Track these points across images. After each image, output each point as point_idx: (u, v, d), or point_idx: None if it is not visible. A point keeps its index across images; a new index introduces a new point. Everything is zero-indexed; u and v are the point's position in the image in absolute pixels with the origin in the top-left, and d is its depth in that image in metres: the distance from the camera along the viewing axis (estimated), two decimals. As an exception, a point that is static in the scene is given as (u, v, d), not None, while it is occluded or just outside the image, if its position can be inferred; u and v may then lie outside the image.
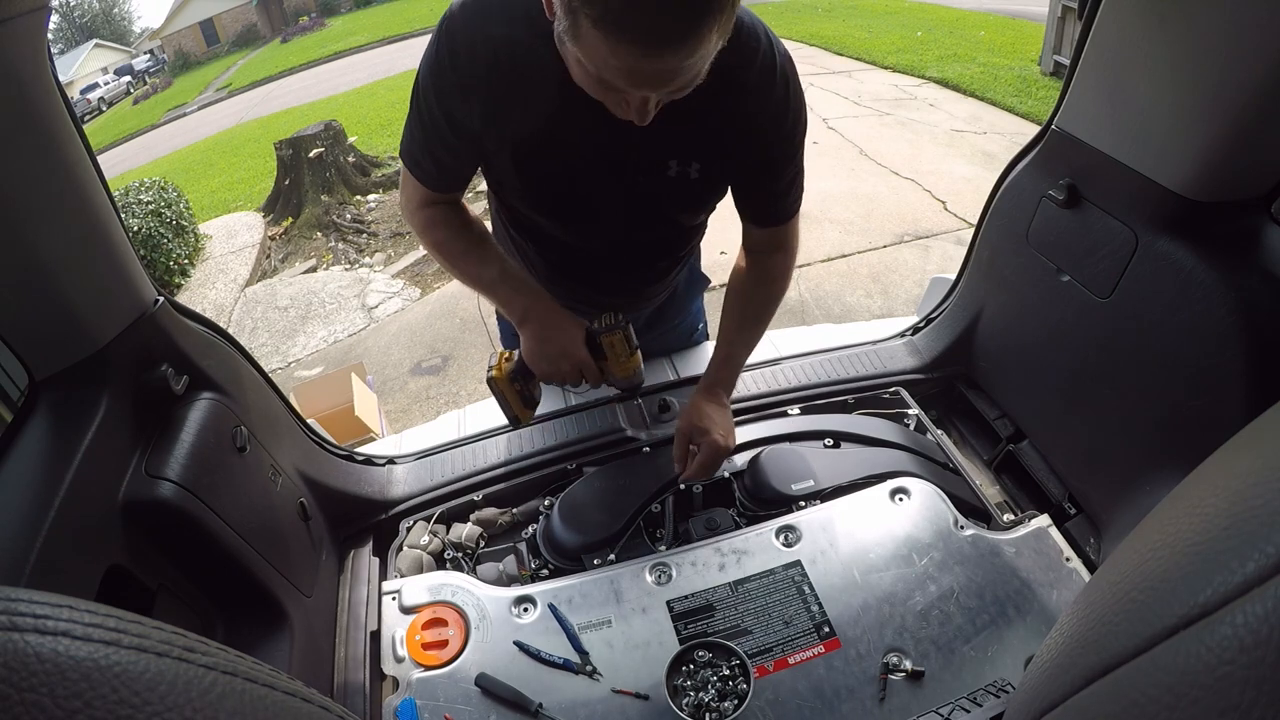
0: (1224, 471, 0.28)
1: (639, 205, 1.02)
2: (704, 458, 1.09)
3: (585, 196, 1.01)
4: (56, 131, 0.73)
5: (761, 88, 0.92)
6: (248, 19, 32.16)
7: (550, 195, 1.02)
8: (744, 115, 0.93)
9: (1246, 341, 0.84)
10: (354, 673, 0.97)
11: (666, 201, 1.02)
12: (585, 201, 1.02)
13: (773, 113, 0.94)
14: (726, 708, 0.85)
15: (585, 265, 1.15)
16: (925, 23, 9.32)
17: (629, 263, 1.17)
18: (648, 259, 1.18)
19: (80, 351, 0.80)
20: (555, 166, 0.97)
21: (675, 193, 1.00)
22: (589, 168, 0.97)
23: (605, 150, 0.94)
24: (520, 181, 1.00)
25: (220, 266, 5.25)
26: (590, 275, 1.17)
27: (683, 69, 0.72)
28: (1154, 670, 0.24)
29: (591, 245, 1.11)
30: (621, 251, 1.13)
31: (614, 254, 1.13)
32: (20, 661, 0.21)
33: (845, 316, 3.41)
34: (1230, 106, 0.80)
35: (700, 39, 0.69)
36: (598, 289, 1.20)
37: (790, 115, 0.96)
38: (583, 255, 1.13)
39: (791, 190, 1.05)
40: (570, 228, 1.08)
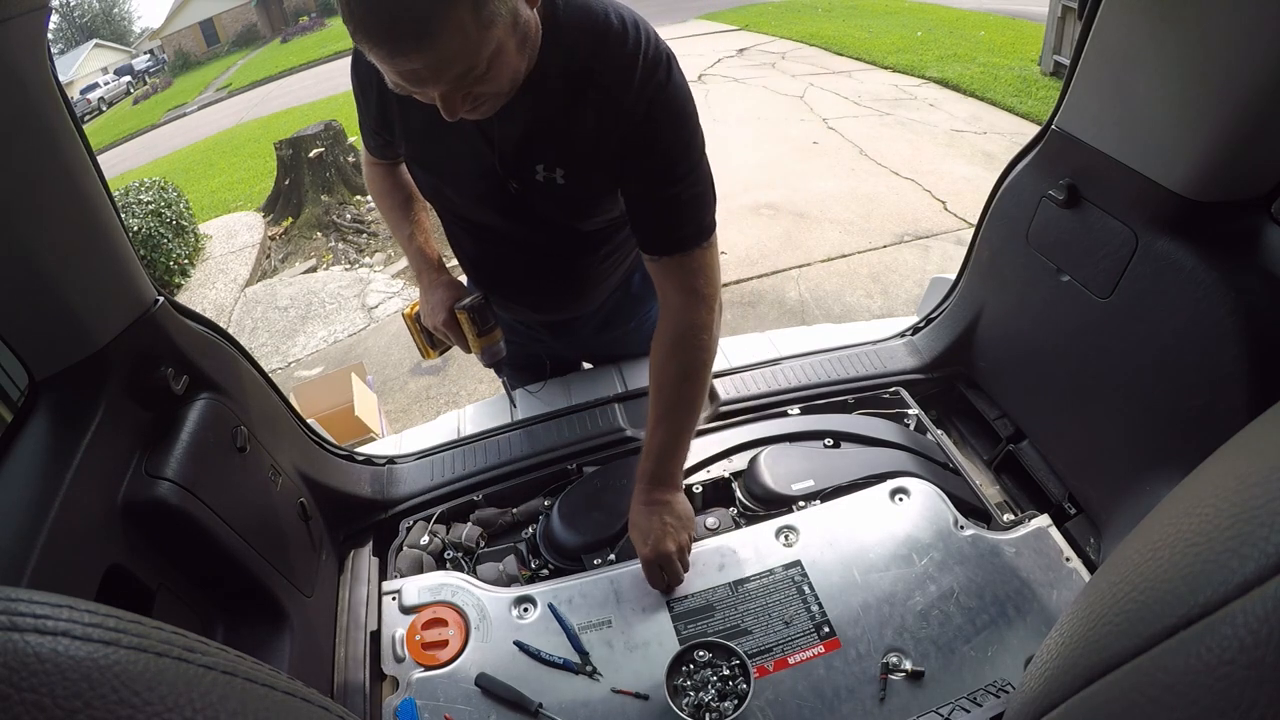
0: (1224, 471, 0.28)
1: (515, 209, 1.01)
2: (671, 572, 0.98)
3: (473, 200, 1.04)
4: (56, 131, 0.73)
5: (623, 92, 0.87)
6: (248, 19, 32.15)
7: (443, 197, 1.08)
8: (605, 120, 0.88)
9: (1246, 341, 0.84)
10: (354, 673, 0.97)
11: (541, 205, 0.99)
12: (475, 204, 1.05)
13: (638, 119, 0.88)
14: (726, 708, 0.85)
15: (496, 264, 1.17)
16: (925, 23, 9.32)
17: (533, 266, 1.14)
18: (552, 264, 1.13)
19: (80, 351, 0.80)
20: (437, 168, 1.03)
21: (546, 197, 0.97)
22: (464, 170, 1.00)
23: (479, 153, 0.95)
24: (420, 182, 1.10)
25: (220, 266, 5.25)
26: (503, 275, 1.18)
27: (443, 64, 0.73)
28: (1154, 670, 0.24)
29: (498, 247, 1.12)
30: (522, 253, 1.11)
31: (517, 256, 1.12)
32: (20, 661, 0.21)
33: (845, 316, 3.41)
34: (1230, 106, 0.80)
35: (443, 33, 0.69)
36: (514, 290, 1.20)
37: (663, 123, 0.89)
38: (492, 255, 1.15)
39: (685, 212, 0.93)
40: (471, 228, 1.12)
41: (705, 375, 1.02)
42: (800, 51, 8.81)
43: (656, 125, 0.89)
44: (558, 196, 0.96)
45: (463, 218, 1.11)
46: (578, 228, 1.06)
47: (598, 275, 1.18)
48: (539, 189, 0.96)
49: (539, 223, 1.04)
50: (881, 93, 6.74)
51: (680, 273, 0.97)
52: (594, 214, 1.02)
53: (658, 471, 1.02)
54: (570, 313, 1.28)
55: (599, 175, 0.94)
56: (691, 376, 1.00)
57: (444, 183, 1.05)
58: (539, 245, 1.10)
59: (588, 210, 1.01)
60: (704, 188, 0.94)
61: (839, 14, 10.66)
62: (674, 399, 1.00)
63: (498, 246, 1.12)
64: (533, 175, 0.95)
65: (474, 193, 1.03)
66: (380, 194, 1.21)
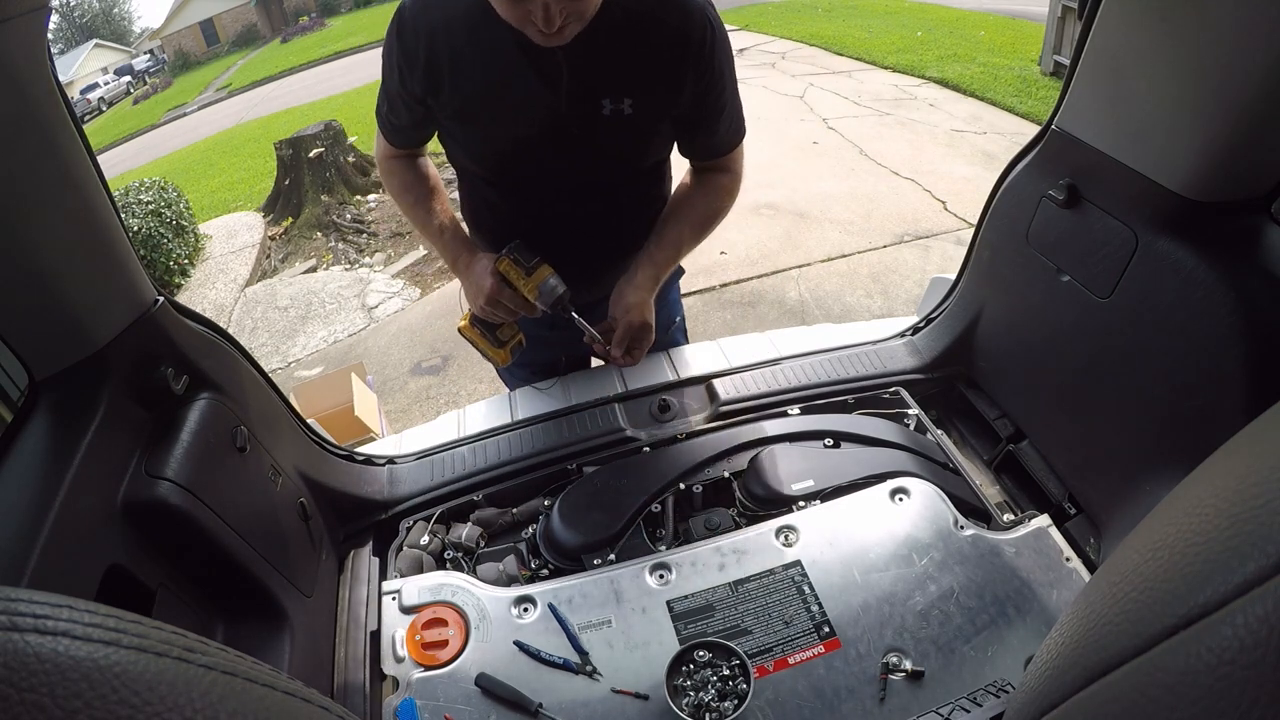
0: (1224, 471, 0.28)
1: (573, 153, 1.07)
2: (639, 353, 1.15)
3: (529, 151, 1.08)
4: (56, 131, 0.73)
5: (678, 24, 0.99)
6: (248, 19, 32.16)
7: (495, 154, 1.11)
8: (664, 50, 1.00)
9: (1246, 341, 0.84)
10: (354, 673, 0.97)
11: (606, 140, 1.06)
12: (530, 155, 1.09)
13: (693, 49, 1.01)
14: (726, 708, 0.85)
15: (538, 231, 1.16)
16: (925, 23, 9.31)
17: (578, 226, 1.17)
18: (595, 223, 1.18)
19: (80, 351, 0.80)
20: (496, 124, 1.06)
21: (612, 131, 1.04)
22: (527, 119, 1.04)
23: (540, 98, 1.01)
24: (468, 143, 1.12)
25: (220, 266, 5.25)
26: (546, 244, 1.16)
27: None
28: (1154, 670, 0.24)
29: (545, 209, 1.16)
30: (569, 206, 1.15)
31: (563, 214, 1.16)
32: (20, 661, 0.21)
33: (845, 316, 3.41)
34: (1230, 106, 0.80)
35: None
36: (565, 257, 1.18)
37: (712, 51, 1.03)
38: (536, 220, 1.17)
39: (730, 125, 1.13)
40: (521, 190, 1.16)
41: (722, 216, 1.23)
42: (800, 51, 8.81)
43: (715, 55, 1.03)
44: (625, 129, 1.04)
45: (511, 183, 1.15)
46: (633, 166, 1.14)
47: (638, 232, 1.23)
48: (605, 124, 1.03)
49: (595, 168, 1.11)
50: (881, 93, 6.74)
51: (729, 161, 1.19)
52: (655, 145, 1.13)
53: (660, 265, 1.17)
54: (605, 286, 1.26)
55: (662, 104, 1.05)
56: (712, 218, 1.21)
57: (498, 138, 1.08)
58: (586, 200, 1.15)
59: (649, 142, 1.11)
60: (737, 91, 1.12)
61: (839, 14, 10.66)
62: (699, 222, 1.20)
63: (543, 209, 1.16)
64: (599, 110, 1.02)
65: (530, 143, 1.06)
66: (402, 188, 1.22)
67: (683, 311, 1.60)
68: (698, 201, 1.20)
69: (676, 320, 1.56)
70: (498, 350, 1.24)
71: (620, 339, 1.13)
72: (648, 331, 1.14)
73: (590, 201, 1.15)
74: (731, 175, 1.21)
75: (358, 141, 6.31)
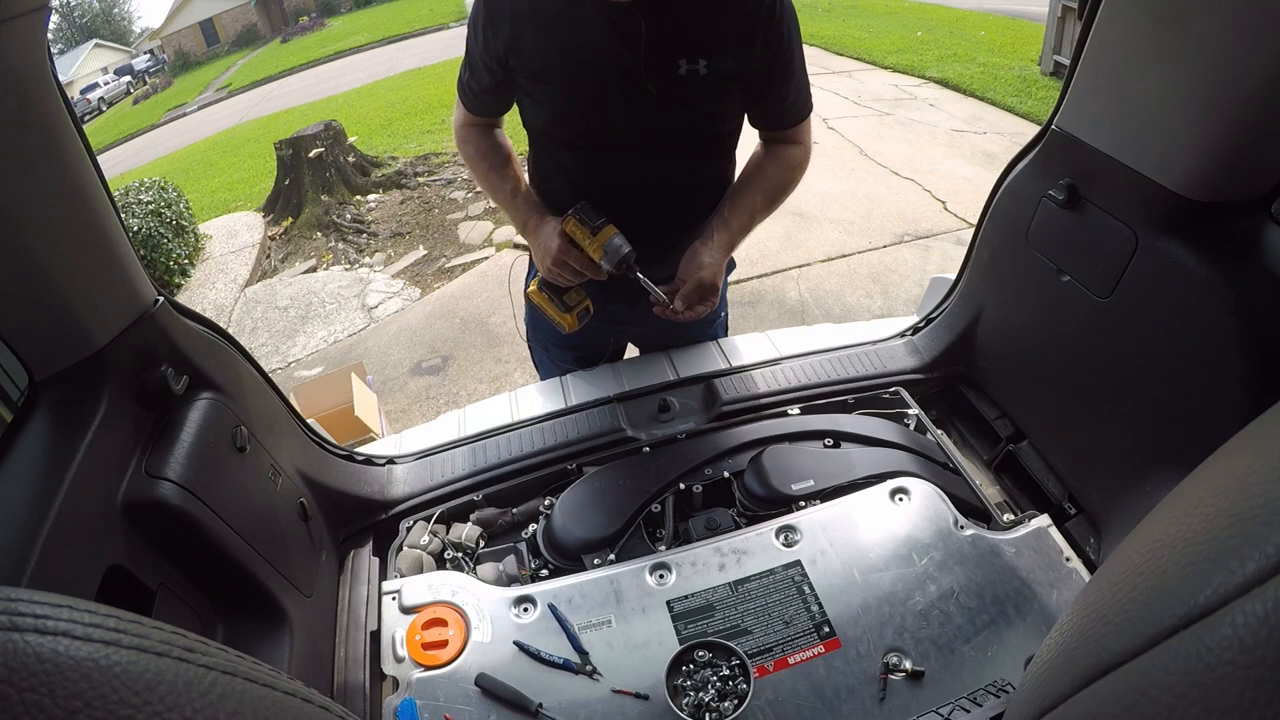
0: (1224, 471, 0.28)
1: (655, 109, 1.09)
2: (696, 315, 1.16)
3: (605, 109, 1.11)
4: (56, 131, 0.73)
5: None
6: (248, 19, 32.16)
7: (573, 113, 1.14)
8: (738, 14, 1.05)
9: (1246, 341, 0.84)
10: (354, 673, 0.97)
11: (681, 100, 1.09)
12: (606, 113, 1.12)
13: (764, 13, 1.05)
14: (726, 708, 0.85)
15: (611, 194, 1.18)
16: (925, 23, 9.31)
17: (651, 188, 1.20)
18: (672, 185, 1.21)
19: (80, 351, 0.80)
20: (575, 82, 1.10)
21: (689, 90, 1.08)
22: (605, 77, 1.07)
23: (619, 59, 1.05)
24: (546, 103, 1.14)
25: (220, 266, 5.25)
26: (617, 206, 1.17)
27: None
28: (1154, 670, 0.24)
29: (616, 173, 1.18)
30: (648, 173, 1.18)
31: (641, 180, 1.18)
32: (20, 661, 0.21)
33: (845, 316, 3.41)
34: (1230, 106, 0.80)
35: None
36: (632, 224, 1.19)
37: (781, 17, 1.07)
38: (611, 185, 1.19)
39: (799, 95, 1.17)
40: (594, 152, 1.18)
41: (791, 188, 1.26)
42: (800, 51, 8.79)
43: (784, 20, 1.08)
44: (701, 89, 1.08)
45: (585, 144, 1.17)
46: (707, 127, 1.17)
47: (704, 204, 1.25)
48: (681, 84, 1.07)
49: (668, 129, 1.13)
50: (881, 92, 6.74)
51: (798, 134, 1.23)
52: (727, 107, 1.15)
53: (737, 233, 1.20)
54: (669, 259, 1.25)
55: (736, 66, 1.08)
56: (788, 186, 1.25)
57: (576, 96, 1.11)
58: (657, 165, 1.17)
59: (722, 102, 1.13)
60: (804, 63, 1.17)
61: (839, 14, 10.66)
62: (775, 188, 1.23)
63: (615, 172, 1.18)
64: (676, 70, 1.06)
65: (607, 101, 1.10)
66: (477, 155, 1.28)
67: (727, 307, 1.60)
68: (770, 171, 1.23)
69: (722, 314, 1.57)
70: (564, 315, 1.24)
71: (688, 294, 1.14)
72: (714, 292, 1.16)
73: (661, 166, 1.18)
74: (802, 148, 1.24)
75: (358, 141, 6.32)
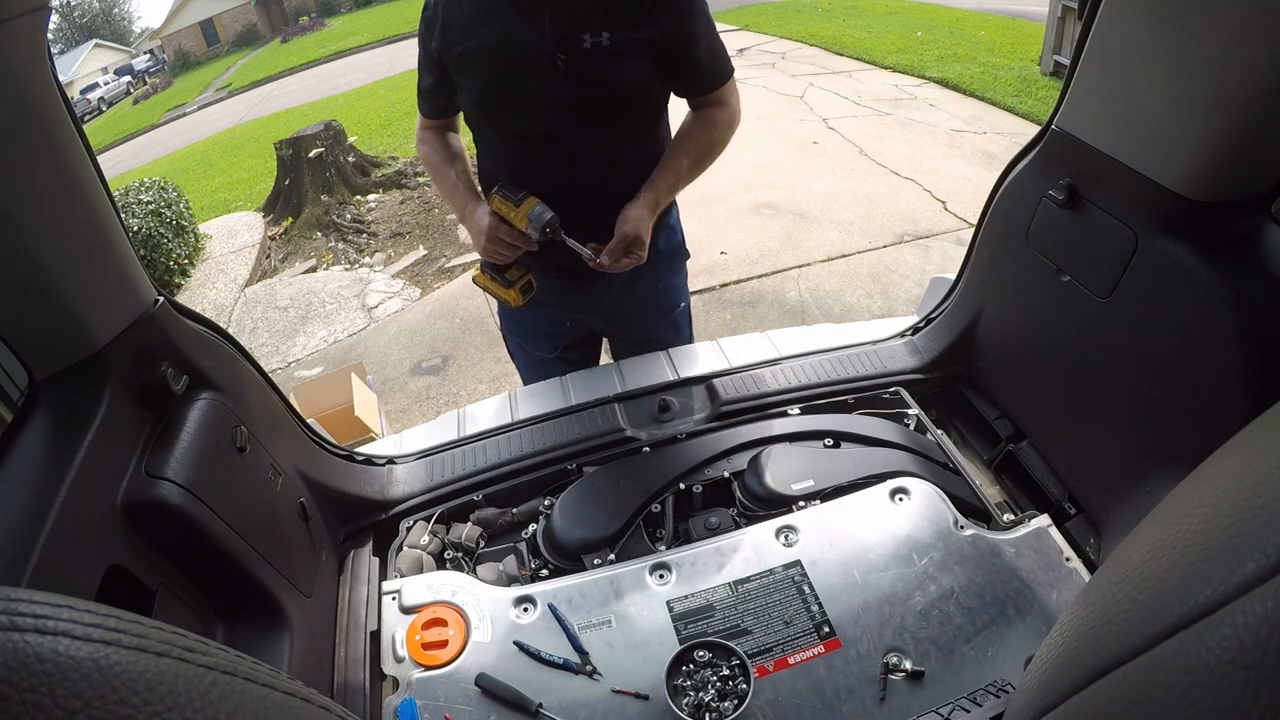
0: (1224, 471, 0.28)
1: (568, 80, 1.17)
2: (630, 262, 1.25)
3: (521, 88, 1.21)
4: (56, 131, 0.73)
5: None
6: (248, 19, 32.15)
7: (495, 95, 1.24)
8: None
9: (1246, 341, 0.84)
10: (354, 673, 0.97)
11: (590, 70, 1.17)
12: (524, 90, 1.21)
13: None
14: (726, 708, 0.85)
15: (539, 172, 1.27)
16: (925, 23, 9.30)
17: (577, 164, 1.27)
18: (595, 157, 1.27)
19: (80, 351, 0.80)
20: (492, 66, 1.20)
21: (595, 61, 1.17)
22: (519, 58, 1.18)
23: (529, 39, 1.16)
24: (472, 89, 1.25)
25: (220, 266, 5.25)
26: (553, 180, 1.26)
27: None
28: (1154, 670, 0.24)
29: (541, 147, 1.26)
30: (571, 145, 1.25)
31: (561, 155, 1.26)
32: (20, 661, 0.21)
33: (845, 316, 3.40)
34: (1230, 106, 0.80)
35: None
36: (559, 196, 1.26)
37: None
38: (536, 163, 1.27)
39: (714, 60, 1.25)
40: (520, 131, 1.26)
41: (719, 148, 1.34)
42: (800, 51, 8.80)
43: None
44: (605, 58, 1.17)
45: (510, 123, 1.26)
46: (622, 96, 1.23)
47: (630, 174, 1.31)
48: (586, 57, 1.16)
49: (583, 98, 1.20)
50: (881, 93, 6.73)
51: (721, 96, 1.30)
52: (636, 76, 1.22)
53: (663, 192, 1.29)
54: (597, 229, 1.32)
55: (640, 35, 1.17)
56: (713, 148, 1.32)
57: (496, 81, 1.22)
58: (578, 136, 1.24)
59: (630, 70, 1.20)
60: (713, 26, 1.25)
61: (839, 14, 10.65)
62: (697, 155, 1.31)
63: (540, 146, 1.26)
64: (581, 44, 1.15)
65: (523, 79, 1.20)
66: (430, 153, 1.40)
67: (688, 299, 1.62)
68: (697, 134, 1.31)
69: (681, 305, 1.58)
70: (508, 291, 1.32)
71: (613, 247, 1.23)
72: (640, 245, 1.25)
73: (582, 140, 1.25)
74: (728, 109, 1.31)
75: (358, 141, 6.32)
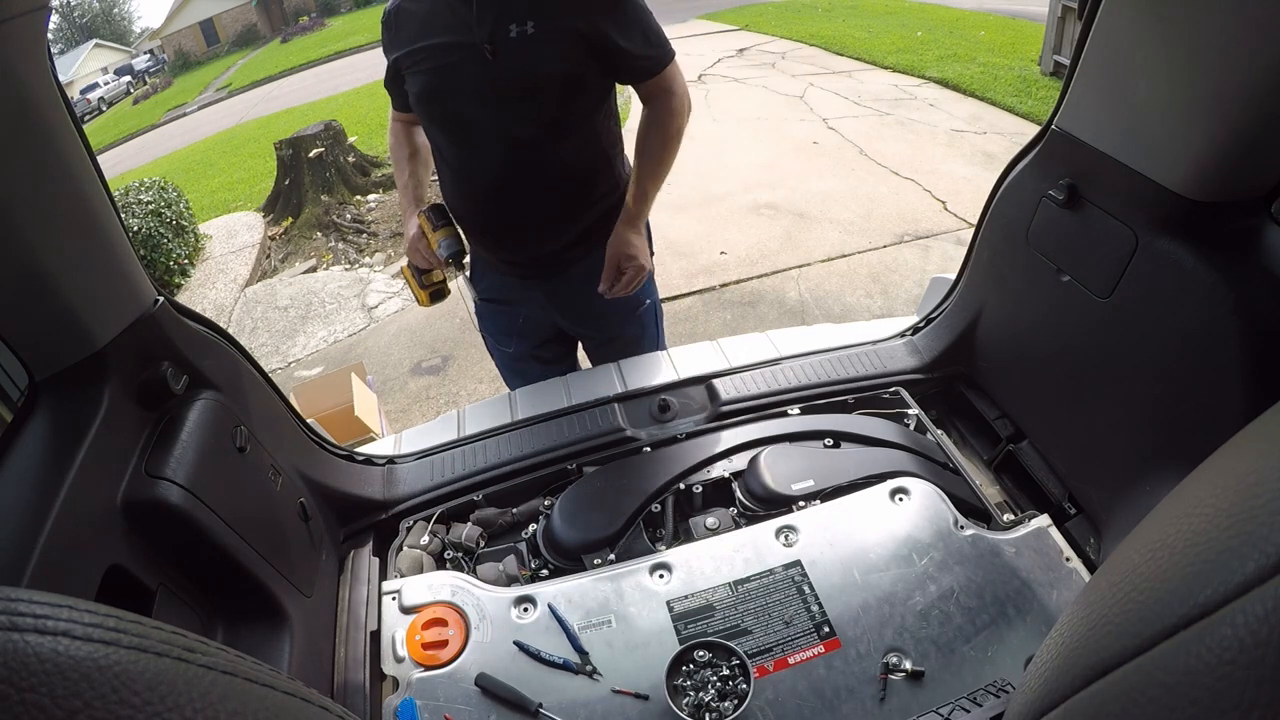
0: (1224, 471, 0.28)
1: (496, 72, 1.20)
2: (632, 279, 1.33)
3: (453, 78, 1.23)
4: (56, 131, 0.73)
5: None
6: (248, 19, 32.14)
7: (431, 88, 1.26)
8: None
9: (1246, 341, 0.84)
10: (354, 673, 0.97)
11: (517, 58, 1.19)
12: (456, 84, 1.23)
13: None
14: (726, 708, 0.85)
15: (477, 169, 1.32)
16: (925, 23, 9.30)
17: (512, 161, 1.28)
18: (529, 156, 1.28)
19: (80, 351, 0.80)
20: (428, 58, 1.24)
21: (520, 50, 1.19)
22: (450, 48, 1.21)
23: (458, 31, 1.19)
24: (415, 89, 1.28)
25: (220, 266, 5.24)
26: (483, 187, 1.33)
27: None
28: (1154, 670, 0.24)
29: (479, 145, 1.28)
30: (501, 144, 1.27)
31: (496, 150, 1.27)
32: (20, 661, 0.21)
33: (845, 316, 3.40)
34: (1230, 106, 0.80)
35: None
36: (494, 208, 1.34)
37: None
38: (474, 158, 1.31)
39: (651, 45, 1.26)
40: (455, 130, 1.30)
41: (676, 145, 1.36)
42: (800, 51, 8.80)
43: None
44: (531, 47, 1.19)
45: (449, 118, 1.29)
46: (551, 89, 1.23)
47: (574, 199, 1.37)
48: (512, 45, 1.18)
49: (512, 91, 1.22)
50: (881, 93, 6.73)
51: (666, 81, 1.30)
52: (563, 61, 1.22)
53: (640, 210, 1.35)
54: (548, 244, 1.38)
55: (564, 24, 1.18)
56: (669, 144, 1.34)
57: (434, 73, 1.25)
58: (518, 136, 1.26)
59: (556, 55, 1.21)
60: (653, 16, 1.27)
61: (839, 14, 10.65)
62: (658, 160, 1.34)
63: (483, 158, 1.29)
64: (507, 33, 1.18)
65: (456, 71, 1.22)
66: (393, 145, 1.48)
67: (656, 297, 1.58)
68: (650, 139, 1.34)
69: (646, 303, 1.54)
70: (420, 290, 1.49)
71: (606, 273, 1.31)
72: (629, 260, 1.31)
73: (518, 132, 1.26)
74: (676, 96, 1.33)
75: (358, 141, 6.31)
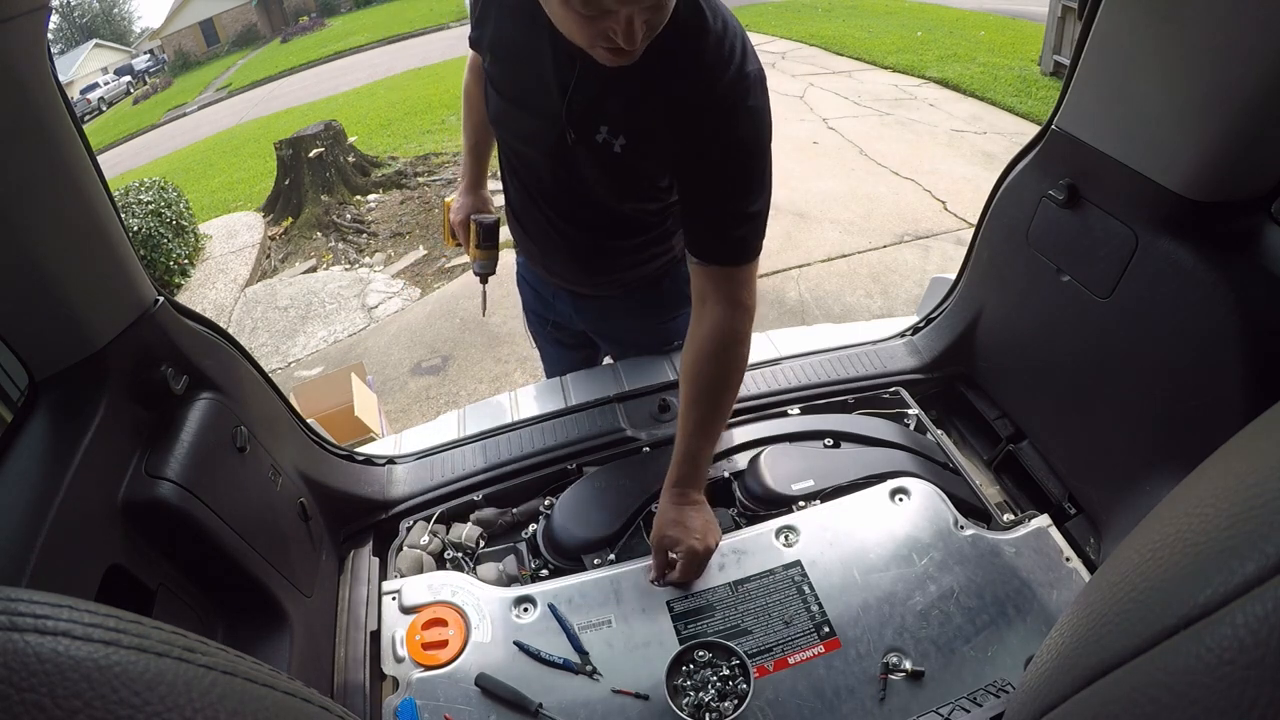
0: (1224, 471, 0.28)
1: (566, 160, 1.02)
2: (684, 566, 0.98)
3: (529, 130, 1.05)
4: (56, 131, 0.73)
5: (701, 76, 0.89)
6: (248, 19, 32.14)
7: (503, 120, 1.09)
8: (675, 97, 0.90)
9: (1246, 341, 0.84)
10: (354, 673, 0.97)
11: (591, 166, 1.01)
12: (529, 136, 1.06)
13: (710, 108, 0.89)
14: (726, 708, 0.85)
15: (529, 213, 1.18)
16: (925, 23, 9.31)
17: (560, 229, 1.16)
18: (578, 235, 1.16)
19: (80, 351, 0.79)
20: (508, 94, 1.04)
21: (599, 161, 0.99)
22: (531, 106, 1.01)
23: (547, 95, 0.97)
24: (490, 97, 1.08)
25: (220, 266, 5.24)
26: (531, 227, 1.20)
27: None
28: (1154, 670, 0.24)
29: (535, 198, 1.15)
30: (555, 210, 1.14)
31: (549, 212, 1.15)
32: (20, 661, 0.21)
33: (845, 316, 3.40)
34: (1230, 106, 0.80)
35: None
36: (536, 246, 1.24)
37: (736, 124, 0.90)
38: (528, 204, 1.17)
39: (747, 225, 0.95)
40: (519, 167, 1.14)
41: (738, 384, 1.03)
42: (800, 51, 8.80)
43: (740, 133, 0.91)
44: (610, 163, 0.98)
45: (516, 153, 1.13)
46: (614, 206, 1.08)
47: (614, 263, 1.22)
48: (595, 150, 0.98)
49: (581, 184, 1.05)
50: (881, 93, 6.73)
51: (729, 283, 0.98)
52: (636, 194, 1.06)
53: (694, 475, 1.02)
54: (580, 287, 1.30)
55: (658, 156, 0.97)
56: (730, 385, 1.01)
57: (510, 110, 1.06)
58: (573, 208, 1.12)
59: (632, 187, 1.04)
60: (767, 210, 0.96)
61: (839, 14, 10.66)
62: (712, 406, 1.00)
63: (535, 197, 1.15)
64: (594, 135, 0.96)
65: (533, 130, 1.04)
66: (467, 94, 1.33)
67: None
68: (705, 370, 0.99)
69: (676, 343, 1.47)
70: (449, 239, 1.46)
71: (655, 559, 1.01)
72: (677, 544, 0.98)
73: (571, 215, 1.13)
74: (739, 311, 0.98)
75: (358, 141, 6.31)
